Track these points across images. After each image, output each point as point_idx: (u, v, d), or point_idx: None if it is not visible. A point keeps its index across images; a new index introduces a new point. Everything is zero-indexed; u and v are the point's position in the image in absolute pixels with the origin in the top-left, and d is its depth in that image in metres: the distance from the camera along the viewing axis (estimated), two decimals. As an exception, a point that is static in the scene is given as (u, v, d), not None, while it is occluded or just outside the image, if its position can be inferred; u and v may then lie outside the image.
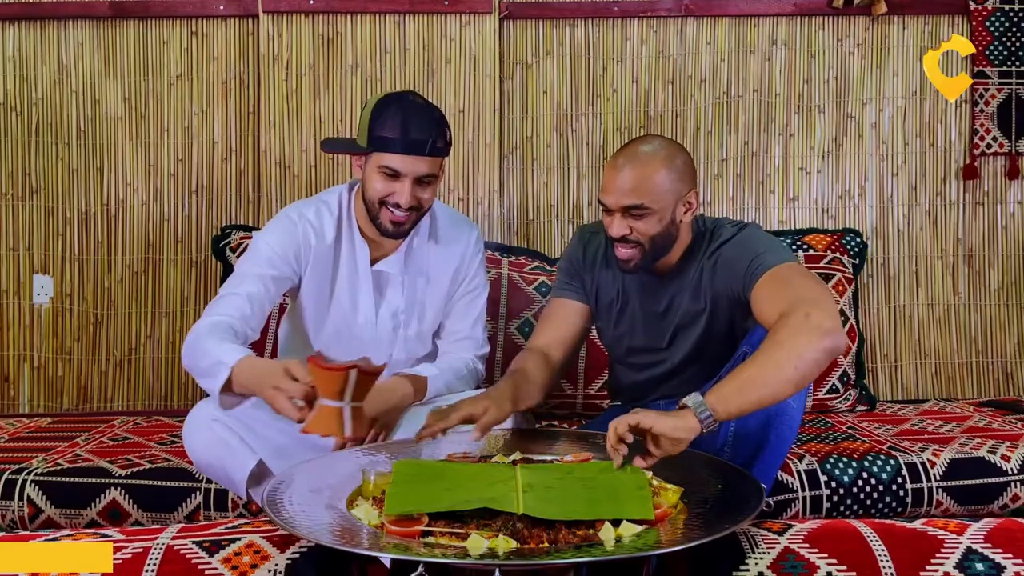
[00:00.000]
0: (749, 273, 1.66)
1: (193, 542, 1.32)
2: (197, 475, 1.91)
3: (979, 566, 1.31)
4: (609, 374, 2.09)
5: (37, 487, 1.90)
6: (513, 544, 1.17)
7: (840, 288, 2.54)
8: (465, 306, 2.01)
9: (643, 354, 1.89)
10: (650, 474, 1.44)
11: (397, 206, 1.79)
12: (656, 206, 1.70)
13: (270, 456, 1.71)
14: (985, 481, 1.98)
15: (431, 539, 1.20)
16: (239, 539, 1.33)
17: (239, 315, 1.76)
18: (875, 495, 1.94)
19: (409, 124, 1.76)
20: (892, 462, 1.97)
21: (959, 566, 1.31)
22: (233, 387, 1.61)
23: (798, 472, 1.94)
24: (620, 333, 1.91)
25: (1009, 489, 1.98)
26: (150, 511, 1.90)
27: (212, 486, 1.90)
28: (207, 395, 2.15)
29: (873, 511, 1.94)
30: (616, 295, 1.89)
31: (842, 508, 1.93)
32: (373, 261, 1.92)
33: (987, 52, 2.78)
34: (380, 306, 1.93)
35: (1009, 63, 2.79)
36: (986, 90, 2.79)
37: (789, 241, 2.61)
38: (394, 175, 1.78)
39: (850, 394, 2.53)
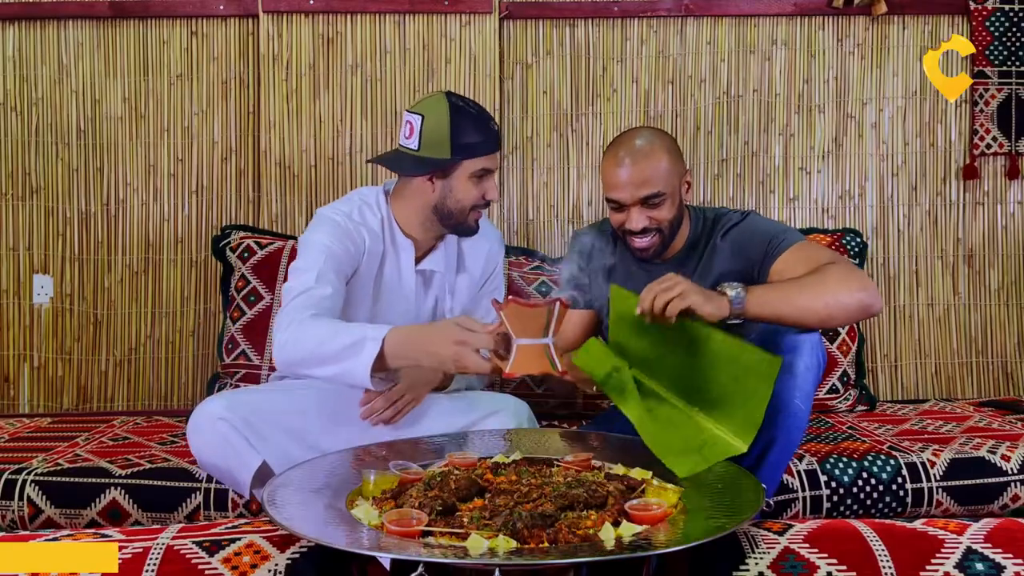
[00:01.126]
0: (771, 249, 1.75)
1: (193, 542, 1.32)
2: (197, 475, 1.91)
3: (979, 566, 1.31)
4: None
5: (37, 487, 1.90)
6: (513, 544, 1.17)
7: (840, 288, 2.54)
8: (490, 295, 2.05)
9: None
10: (650, 474, 1.45)
11: (487, 204, 1.85)
12: (669, 190, 1.80)
13: (274, 457, 1.71)
14: (985, 481, 1.98)
15: (431, 539, 1.20)
16: (239, 539, 1.33)
17: (330, 308, 1.70)
18: (875, 495, 1.94)
19: (486, 124, 1.82)
20: (892, 462, 1.97)
21: (959, 566, 1.31)
22: (387, 361, 1.56)
23: (798, 472, 1.94)
24: None
25: (1009, 489, 1.98)
26: (150, 511, 1.90)
27: (212, 486, 1.90)
28: (209, 394, 2.16)
29: (873, 511, 1.94)
30: (616, 281, 1.93)
31: (842, 508, 1.93)
32: (416, 261, 1.94)
33: (987, 52, 2.78)
34: (424, 303, 1.95)
35: (1009, 63, 2.79)
36: (986, 90, 2.79)
37: (789, 241, 2.61)
38: (485, 175, 1.82)
39: (850, 394, 2.53)
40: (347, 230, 1.83)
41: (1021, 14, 2.79)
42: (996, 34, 2.78)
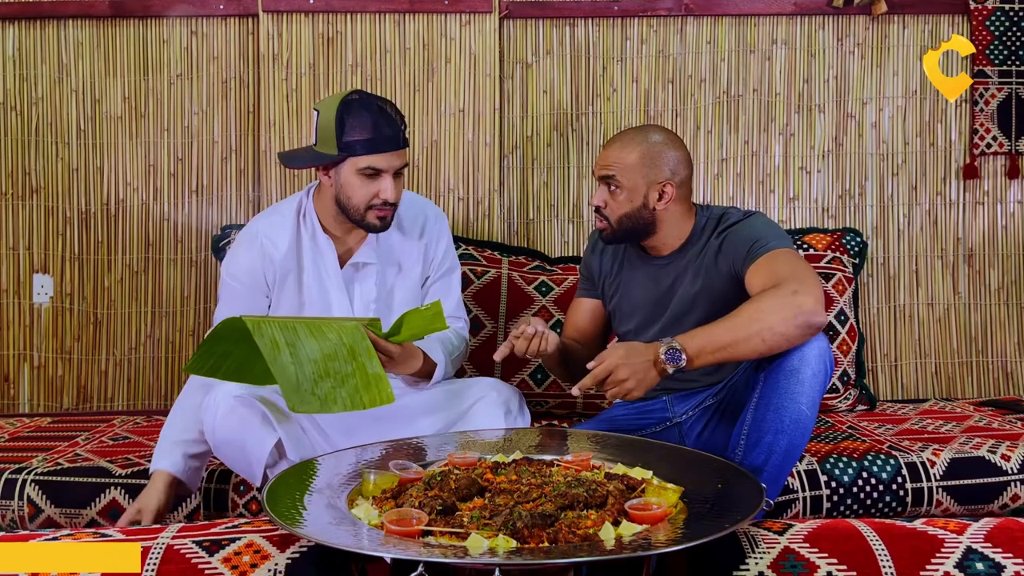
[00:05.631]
0: (751, 253, 1.75)
1: (193, 541, 1.33)
2: (197, 475, 1.91)
3: (979, 566, 1.31)
4: None
5: (37, 487, 1.90)
6: (513, 544, 1.17)
7: (840, 288, 2.54)
8: (442, 287, 2.04)
9: (648, 336, 1.91)
10: (650, 474, 1.45)
11: (385, 203, 1.85)
12: (626, 182, 1.83)
13: (288, 437, 1.72)
14: (985, 481, 1.98)
15: (431, 539, 1.20)
16: (239, 539, 1.33)
17: None
18: (875, 495, 1.94)
19: (379, 122, 1.81)
20: (892, 462, 1.97)
21: (959, 566, 1.31)
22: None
23: (798, 472, 1.94)
24: (623, 314, 1.98)
25: (1009, 489, 1.98)
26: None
27: (212, 486, 1.90)
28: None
29: (873, 511, 1.94)
30: (621, 277, 1.98)
31: (842, 508, 1.93)
32: (341, 256, 1.95)
33: (987, 51, 2.78)
34: (354, 299, 1.95)
35: (1009, 62, 2.79)
36: (986, 90, 2.79)
37: (789, 241, 2.61)
38: (375, 174, 1.82)
39: (850, 394, 2.53)
40: (252, 251, 1.91)
41: (1021, 14, 2.79)
42: (996, 33, 2.78)
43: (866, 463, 1.96)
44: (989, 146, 2.80)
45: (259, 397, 1.73)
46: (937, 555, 1.33)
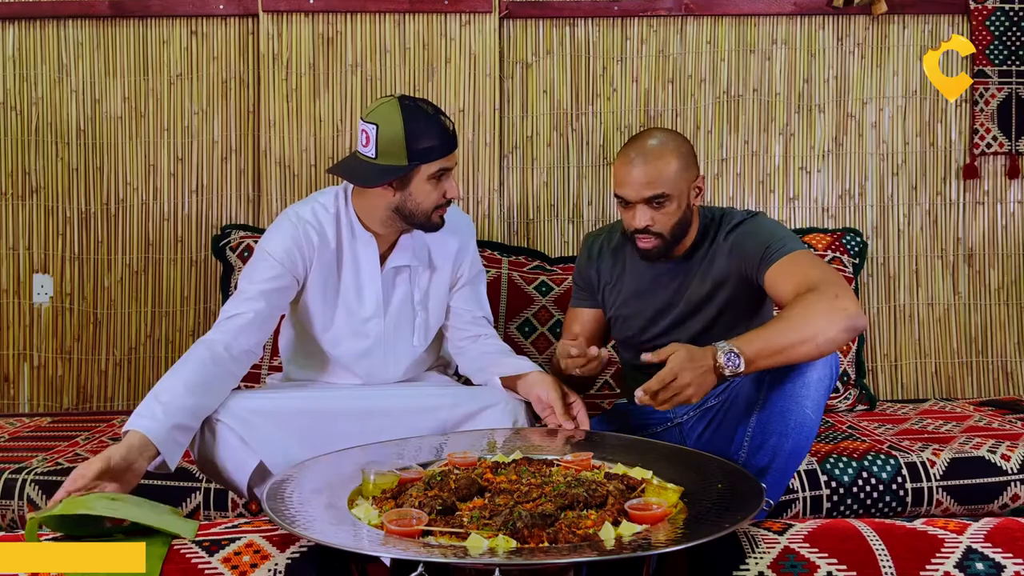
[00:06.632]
0: (767, 255, 1.73)
1: (193, 541, 1.33)
2: (197, 475, 1.91)
3: (979, 566, 1.31)
4: (620, 361, 2.12)
5: (37, 487, 1.90)
6: (513, 544, 1.17)
7: (840, 288, 2.54)
8: (472, 290, 2.04)
9: (651, 339, 1.91)
10: (650, 474, 1.45)
11: (449, 202, 1.87)
12: (675, 193, 1.79)
13: (271, 457, 1.71)
14: (985, 480, 1.98)
15: (431, 539, 1.20)
16: (239, 539, 1.33)
17: (243, 336, 1.77)
18: (875, 495, 1.94)
19: (441, 126, 1.81)
20: (892, 462, 1.97)
21: (959, 566, 1.31)
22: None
23: (798, 472, 1.94)
24: (625, 319, 1.95)
25: (1009, 488, 1.98)
26: (150, 511, 1.90)
27: (212, 486, 1.90)
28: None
29: (873, 511, 1.94)
30: (623, 283, 1.95)
31: (842, 508, 1.93)
32: (380, 257, 1.93)
33: (987, 51, 2.78)
34: (390, 300, 1.94)
35: (1009, 62, 2.79)
36: (986, 89, 2.79)
37: (789, 241, 2.61)
38: (442, 175, 1.83)
39: (850, 394, 2.53)
40: (296, 234, 1.85)
41: (1021, 13, 2.79)
42: (996, 33, 2.78)
43: (866, 463, 1.96)
44: (989, 146, 2.80)
45: (240, 418, 1.70)
46: (937, 555, 1.33)
